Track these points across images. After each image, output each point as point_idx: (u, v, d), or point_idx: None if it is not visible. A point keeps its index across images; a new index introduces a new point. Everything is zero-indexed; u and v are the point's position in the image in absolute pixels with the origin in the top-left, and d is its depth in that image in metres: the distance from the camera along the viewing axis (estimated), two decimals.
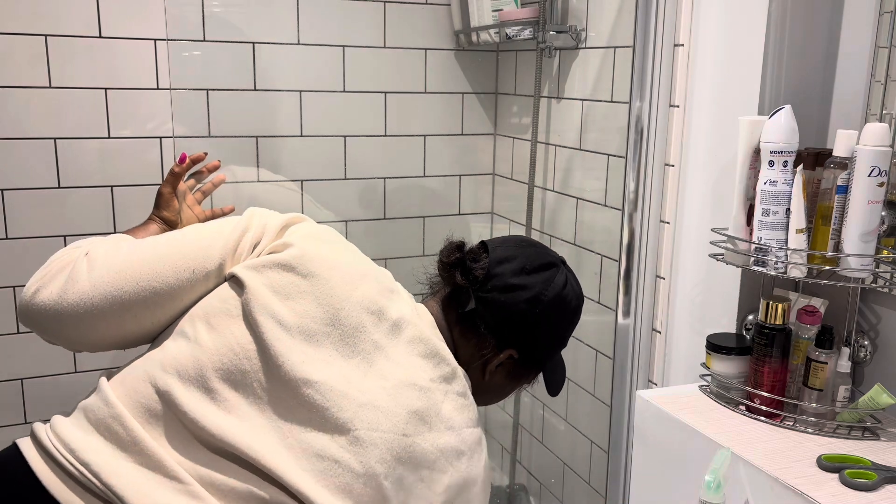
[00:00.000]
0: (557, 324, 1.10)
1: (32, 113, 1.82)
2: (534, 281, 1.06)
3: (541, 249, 1.12)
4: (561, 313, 1.09)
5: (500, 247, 1.11)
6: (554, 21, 1.90)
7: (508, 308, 1.06)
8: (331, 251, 1.07)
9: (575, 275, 1.14)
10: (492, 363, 1.08)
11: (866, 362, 1.30)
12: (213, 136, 1.98)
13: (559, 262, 1.11)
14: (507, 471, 2.33)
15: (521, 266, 1.07)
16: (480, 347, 1.08)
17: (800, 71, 1.41)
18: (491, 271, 1.07)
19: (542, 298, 1.06)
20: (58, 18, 1.80)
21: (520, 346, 1.09)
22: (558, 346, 1.15)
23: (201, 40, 1.94)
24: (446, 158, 2.28)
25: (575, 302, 1.12)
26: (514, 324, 1.07)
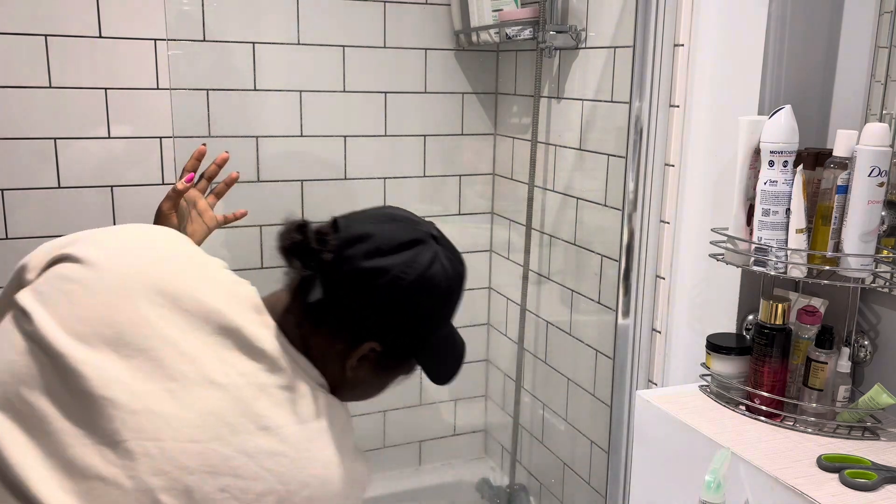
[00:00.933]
0: (424, 309, 0.93)
1: (32, 113, 1.82)
2: (391, 262, 0.90)
3: (403, 224, 0.95)
4: (427, 297, 0.92)
5: (353, 224, 0.94)
6: (554, 21, 1.90)
7: (361, 297, 0.90)
8: (114, 240, 0.96)
9: (452, 249, 0.98)
10: (350, 359, 0.93)
11: (866, 362, 1.30)
12: (213, 136, 1.98)
13: (426, 238, 0.94)
14: (507, 471, 2.33)
15: (377, 246, 0.90)
16: (335, 341, 0.93)
17: (800, 71, 1.41)
18: (341, 254, 0.90)
19: (401, 283, 0.90)
20: (58, 18, 1.80)
21: (381, 338, 0.93)
22: (430, 331, 0.97)
23: (201, 40, 1.94)
24: (446, 158, 2.28)
25: (446, 283, 0.93)
26: (370, 314, 0.91)
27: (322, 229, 0.94)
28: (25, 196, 1.85)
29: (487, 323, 2.46)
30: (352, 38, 2.08)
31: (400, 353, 0.97)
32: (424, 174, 2.26)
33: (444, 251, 0.95)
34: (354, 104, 2.13)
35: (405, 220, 0.96)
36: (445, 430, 2.49)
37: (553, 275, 2.08)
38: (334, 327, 0.92)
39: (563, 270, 2.04)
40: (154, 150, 1.92)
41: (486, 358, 2.49)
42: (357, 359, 0.93)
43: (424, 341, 0.97)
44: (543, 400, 2.18)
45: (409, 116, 2.20)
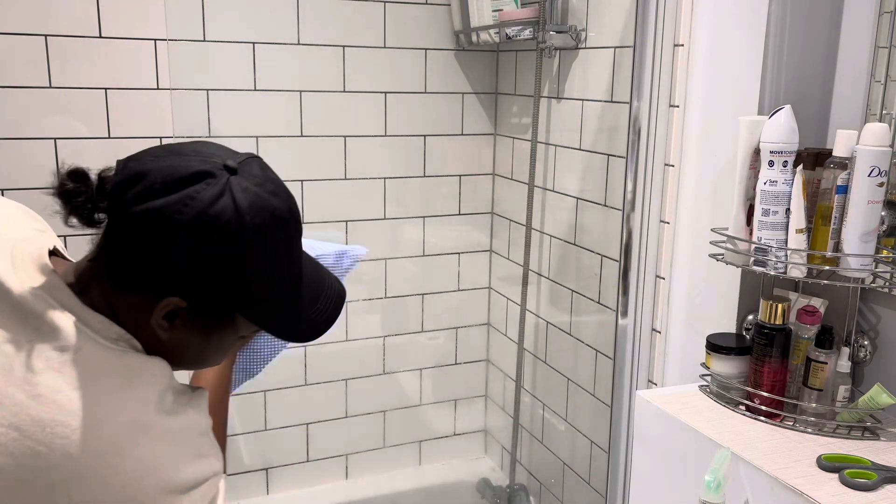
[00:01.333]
0: (214, 253, 0.79)
1: (32, 113, 1.82)
2: (165, 202, 0.77)
3: (190, 157, 0.81)
4: (215, 238, 0.78)
5: (134, 162, 0.81)
6: (554, 21, 1.90)
7: (139, 247, 0.78)
8: None
9: (262, 180, 0.83)
10: (154, 317, 0.81)
11: (866, 362, 1.30)
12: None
13: (217, 170, 0.79)
14: (507, 471, 2.33)
15: (150, 185, 0.78)
16: (134, 298, 0.82)
17: (800, 71, 1.41)
18: (114, 199, 0.79)
19: (176, 225, 0.77)
20: (58, 18, 1.80)
21: (180, 292, 0.80)
22: (241, 281, 0.81)
23: (201, 40, 1.94)
24: (446, 158, 2.28)
25: (235, 223, 0.78)
26: (155, 264, 0.79)
27: (104, 175, 0.83)
28: (25, 196, 1.85)
29: (487, 323, 2.46)
30: (352, 38, 2.08)
31: (212, 309, 0.83)
32: (424, 174, 2.26)
33: (243, 182, 0.80)
34: (354, 104, 2.13)
35: (194, 152, 0.82)
36: (445, 430, 2.49)
37: (553, 275, 2.08)
38: (129, 283, 0.82)
39: (563, 270, 2.04)
40: None
41: (486, 358, 2.49)
42: (161, 317, 0.81)
43: (240, 293, 0.82)
44: (543, 400, 2.18)
45: (409, 116, 2.20)
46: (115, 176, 0.81)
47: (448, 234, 2.33)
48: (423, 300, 2.34)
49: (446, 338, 2.42)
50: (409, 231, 2.29)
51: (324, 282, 0.93)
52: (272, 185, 0.83)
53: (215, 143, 0.86)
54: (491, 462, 2.51)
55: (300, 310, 0.89)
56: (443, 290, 2.37)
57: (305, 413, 2.26)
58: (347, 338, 2.27)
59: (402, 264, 2.30)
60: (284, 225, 0.83)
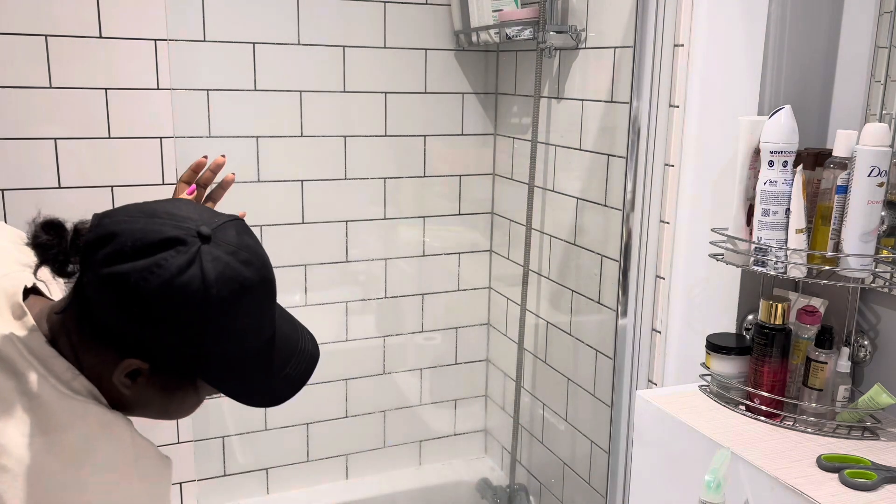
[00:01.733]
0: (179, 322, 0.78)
1: (32, 113, 1.82)
2: (132, 267, 0.76)
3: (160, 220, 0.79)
4: (177, 307, 0.77)
5: (108, 220, 0.81)
6: (554, 21, 1.90)
7: (105, 308, 0.79)
8: None
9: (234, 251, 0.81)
10: (116, 375, 0.81)
11: (866, 362, 1.30)
12: (213, 136, 1.98)
13: (189, 237, 0.78)
14: (507, 471, 2.33)
15: (119, 248, 0.77)
16: (99, 353, 0.82)
17: (800, 71, 1.41)
18: (87, 258, 0.79)
19: (141, 291, 0.76)
20: (58, 18, 1.80)
21: (143, 354, 0.80)
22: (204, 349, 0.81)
23: (201, 40, 1.94)
24: (446, 158, 2.28)
25: (202, 294, 0.77)
26: (120, 327, 0.79)
27: (80, 229, 0.83)
28: (25, 196, 1.85)
29: (487, 323, 2.46)
30: (352, 38, 2.08)
31: (174, 372, 0.84)
32: (424, 174, 2.26)
33: (215, 251, 0.79)
34: (354, 104, 2.13)
35: (168, 215, 0.80)
36: (445, 430, 2.49)
37: (553, 275, 2.08)
38: (93, 338, 0.82)
39: (563, 270, 2.04)
40: (154, 150, 1.92)
41: (486, 358, 2.49)
42: (123, 375, 0.82)
43: (202, 360, 0.82)
44: (543, 400, 2.18)
45: (409, 116, 2.20)
46: (89, 233, 0.80)
47: (448, 234, 2.33)
48: (423, 300, 2.34)
49: (446, 338, 2.42)
50: (409, 231, 2.29)
51: (297, 345, 0.92)
52: (246, 253, 0.81)
53: (194, 204, 0.85)
54: (491, 462, 2.51)
55: (265, 377, 0.88)
56: (443, 290, 2.37)
57: (305, 413, 2.26)
58: (347, 338, 2.27)
59: (402, 264, 2.30)
60: (254, 294, 0.82)
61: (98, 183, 1.90)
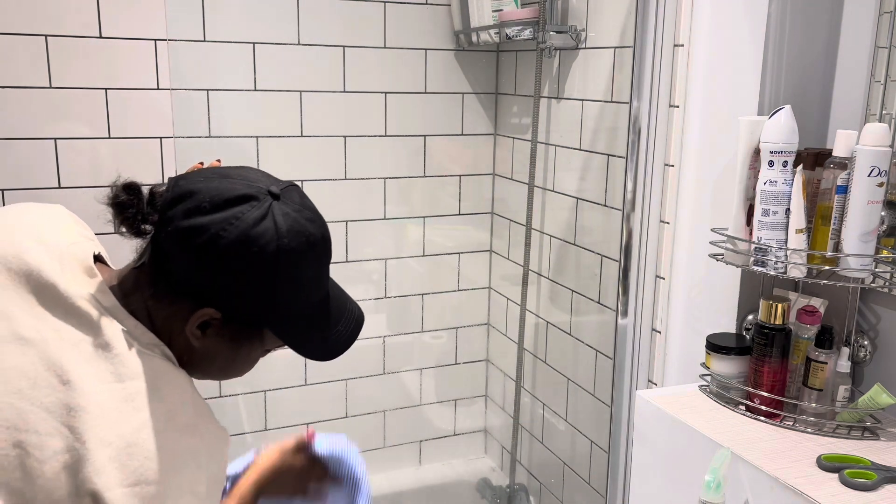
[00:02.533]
0: (253, 270, 0.85)
1: (32, 113, 1.82)
2: (211, 220, 0.83)
3: (237, 181, 0.87)
4: (255, 257, 0.84)
5: (185, 181, 0.88)
6: (554, 21, 1.90)
7: (183, 259, 0.85)
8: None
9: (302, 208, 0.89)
10: (189, 325, 0.88)
11: (866, 362, 1.30)
12: (213, 136, 1.98)
13: (261, 194, 0.86)
14: (507, 471, 2.33)
15: (198, 204, 0.84)
16: (172, 307, 0.88)
17: (800, 71, 1.41)
18: (164, 214, 0.86)
19: (220, 241, 0.83)
20: (58, 18, 1.80)
21: (217, 304, 0.87)
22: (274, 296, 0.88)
23: (201, 40, 1.94)
24: (446, 158, 2.28)
25: (275, 244, 0.84)
26: (195, 277, 0.86)
27: (155, 190, 0.89)
28: (25, 196, 1.85)
29: (487, 323, 2.46)
30: (352, 38, 2.08)
31: (244, 321, 0.90)
32: (424, 174, 2.26)
33: (285, 208, 0.86)
34: (354, 104, 2.13)
35: (241, 177, 0.88)
36: (445, 430, 2.49)
37: (553, 275, 2.08)
38: (168, 293, 0.88)
39: (563, 270, 2.04)
40: (154, 150, 1.92)
41: (486, 358, 2.49)
42: (196, 326, 0.88)
43: (271, 309, 0.89)
44: (543, 400, 2.18)
45: (409, 116, 2.20)
46: (167, 192, 0.87)
47: (448, 233, 2.33)
48: (424, 300, 2.34)
49: (446, 338, 2.42)
50: (410, 231, 2.29)
51: (346, 305, 0.99)
52: (309, 212, 0.90)
53: (259, 169, 0.93)
54: (491, 462, 2.51)
55: (323, 330, 0.95)
56: (443, 290, 2.37)
57: (305, 413, 2.26)
58: None
59: (403, 264, 2.30)
60: (317, 249, 0.89)
61: (98, 183, 1.90)
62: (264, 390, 2.19)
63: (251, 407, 2.20)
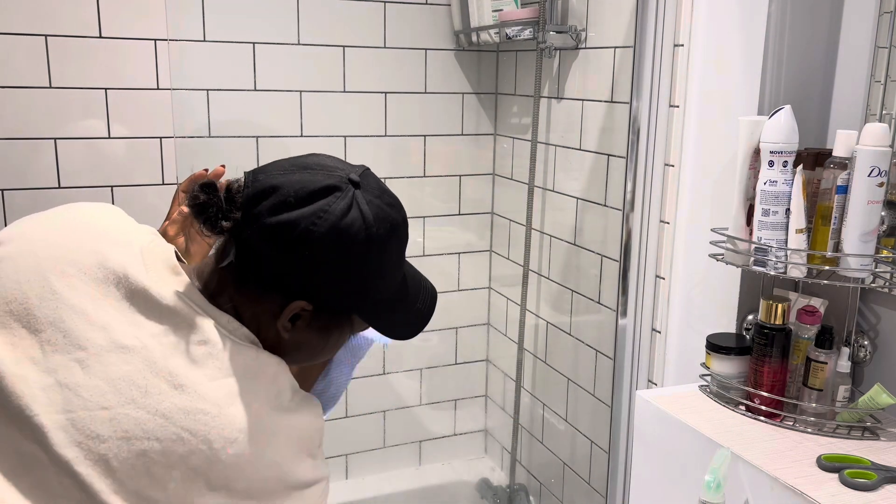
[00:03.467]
0: (347, 261, 0.86)
1: (32, 113, 1.82)
2: (299, 215, 0.83)
3: (316, 171, 0.87)
4: (347, 247, 0.85)
5: (262, 177, 0.87)
6: (554, 21, 1.90)
7: (274, 255, 0.85)
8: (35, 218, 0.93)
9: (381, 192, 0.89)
10: (281, 319, 0.88)
11: (866, 362, 1.30)
12: (213, 136, 1.98)
13: (343, 184, 0.86)
14: (507, 471, 2.33)
15: (283, 199, 0.84)
16: (262, 302, 0.88)
17: (800, 71, 1.41)
18: (248, 212, 0.85)
19: (312, 236, 0.83)
20: (58, 18, 1.80)
21: (308, 296, 0.87)
22: (364, 284, 0.89)
23: (201, 40, 1.94)
24: (446, 158, 2.28)
25: (367, 230, 0.85)
26: (288, 272, 0.86)
27: (231, 186, 0.88)
28: (25, 196, 1.85)
29: (487, 323, 2.46)
30: (352, 38, 2.08)
31: (335, 311, 0.91)
32: (424, 174, 2.26)
33: (367, 195, 0.87)
34: (354, 104, 2.13)
35: (319, 166, 0.88)
36: (445, 430, 2.49)
37: (553, 275, 2.08)
38: (257, 288, 0.88)
39: (563, 270, 2.04)
40: (154, 150, 1.92)
41: (486, 358, 2.49)
42: (288, 319, 0.88)
43: (361, 296, 0.90)
44: (543, 400, 2.18)
45: (409, 116, 2.20)
46: (246, 188, 0.86)
47: (448, 234, 2.33)
48: None
49: (446, 338, 2.42)
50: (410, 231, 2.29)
51: (420, 282, 1.00)
52: (388, 196, 0.90)
53: (331, 155, 0.92)
54: (491, 462, 2.51)
55: (406, 310, 0.96)
56: (443, 290, 2.37)
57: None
58: None
59: None
60: (400, 233, 0.91)
61: (98, 183, 1.90)
62: None
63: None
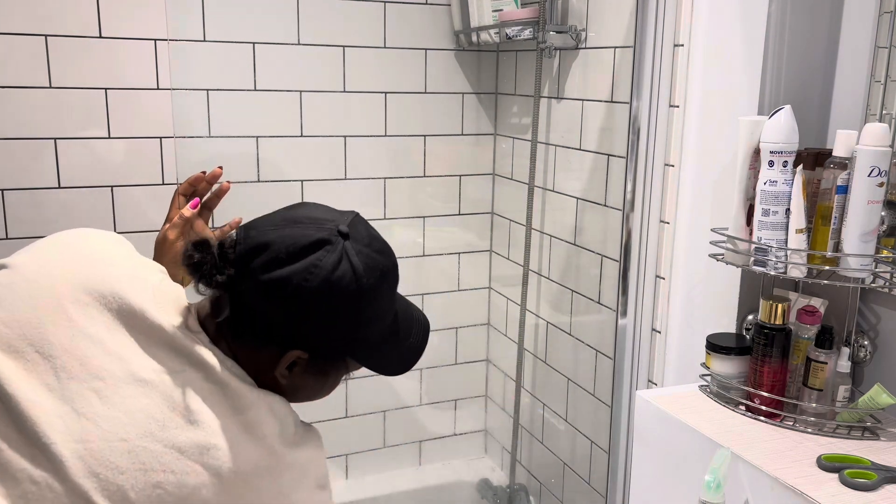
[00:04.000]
0: (340, 312, 0.89)
1: (32, 113, 1.82)
2: (292, 271, 0.86)
3: (306, 225, 0.89)
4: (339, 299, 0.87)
5: (254, 233, 0.90)
6: (554, 21, 1.90)
7: (269, 310, 0.88)
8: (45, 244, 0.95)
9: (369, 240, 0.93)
10: (278, 368, 0.92)
11: (866, 362, 1.30)
12: (213, 136, 1.98)
13: (333, 237, 0.88)
14: (507, 471, 2.33)
15: (275, 255, 0.86)
16: (259, 352, 0.91)
17: (800, 71, 1.41)
18: (241, 269, 0.88)
19: (305, 291, 0.86)
20: (58, 18, 1.80)
21: (304, 346, 0.91)
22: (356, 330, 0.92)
23: (201, 40, 1.94)
24: (446, 158, 2.28)
25: (357, 281, 0.88)
26: (283, 326, 0.89)
27: (225, 242, 0.91)
28: (25, 196, 1.85)
29: (487, 323, 2.46)
30: (352, 38, 2.08)
31: (330, 357, 0.96)
32: (424, 174, 2.26)
33: (356, 245, 0.90)
34: (354, 104, 2.13)
35: (309, 220, 0.90)
36: (445, 430, 2.49)
37: (553, 275, 2.08)
38: (253, 339, 0.91)
39: (563, 270, 2.04)
40: (154, 150, 1.92)
41: (486, 358, 2.49)
42: (285, 367, 0.92)
43: (355, 342, 0.93)
44: (543, 400, 2.18)
45: (409, 116, 2.20)
46: (239, 245, 0.89)
47: (448, 234, 2.33)
48: (423, 300, 2.34)
49: (446, 338, 2.42)
50: (409, 231, 2.29)
51: (412, 315, 1.04)
52: (377, 243, 0.94)
53: (319, 204, 0.97)
54: (491, 462, 2.51)
55: (398, 347, 1.00)
56: (443, 291, 2.37)
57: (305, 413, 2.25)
58: None
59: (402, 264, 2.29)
60: (390, 279, 0.95)
61: (98, 183, 1.90)
62: None
63: None
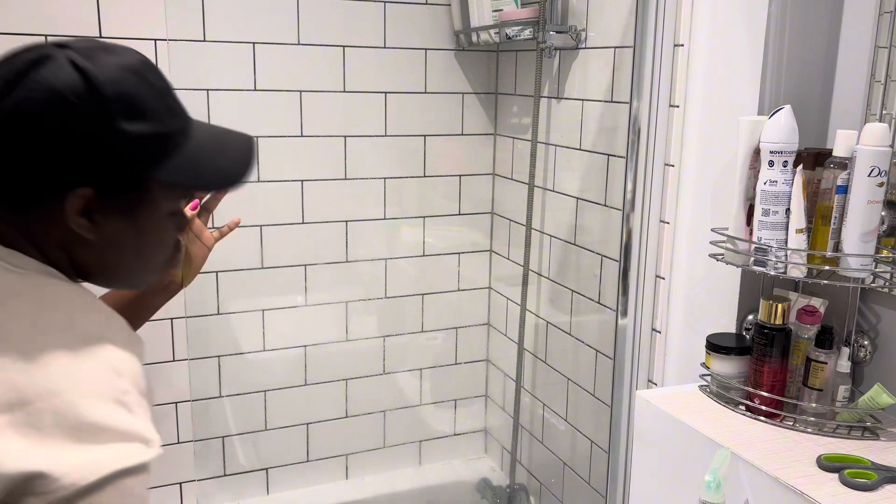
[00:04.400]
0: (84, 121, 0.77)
1: None
2: (15, 97, 0.76)
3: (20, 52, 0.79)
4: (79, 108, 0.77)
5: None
6: (554, 21, 1.90)
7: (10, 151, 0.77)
8: None
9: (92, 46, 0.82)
10: (71, 220, 0.79)
11: (866, 362, 1.30)
12: None
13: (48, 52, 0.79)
14: (507, 471, 2.33)
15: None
16: (45, 216, 0.80)
17: (800, 71, 1.41)
18: None
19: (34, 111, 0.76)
20: (58, 18, 1.80)
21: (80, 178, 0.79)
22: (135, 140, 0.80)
23: (201, 40, 1.94)
24: (446, 158, 2.28)
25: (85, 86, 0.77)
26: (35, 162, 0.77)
27: None
28: None
29: (487, 323, 2.46)
30: (352, 38, 2.08)
31: (125, 182, 0.81)
32: (424, 174, 2.26)
33: (80, 52, 0.79)
34: (354, 104, 2.12)
35: (25, 48, 0.80)
36: (445, 430, 2.49)
37: (553, 275, 2.08)
38: (22, 197, 0.79)
39: (563, 270, 2.04)
40: None
41: (486, 358, 2.49)
42: (77, 215, 0.79)
43: (145, 156, 0.81)
44: (543, 400, 2.18)
45: (410, 116, 2.20)
46: None
47: (448, 234, 2.33)
48: (423, 300, 2.34)
49: (446, 338, 2.42)
50: (409, 231, 2.29)
51: (229, 132, 0.95)
52: (109, 45, 0.84)
53: None
54: (491, 462, 2.51)
55: (212, 159, 0.89)
56: (443, 291, 2.37)
57: (305, 413, 2.26)
58: (347, 338, 2.27)
59: (402, 264, 2.30)
60: (140, 72, 0.84)
61: None
62: (264, 390, 2.19)
63: (251, 407, 2.20)
